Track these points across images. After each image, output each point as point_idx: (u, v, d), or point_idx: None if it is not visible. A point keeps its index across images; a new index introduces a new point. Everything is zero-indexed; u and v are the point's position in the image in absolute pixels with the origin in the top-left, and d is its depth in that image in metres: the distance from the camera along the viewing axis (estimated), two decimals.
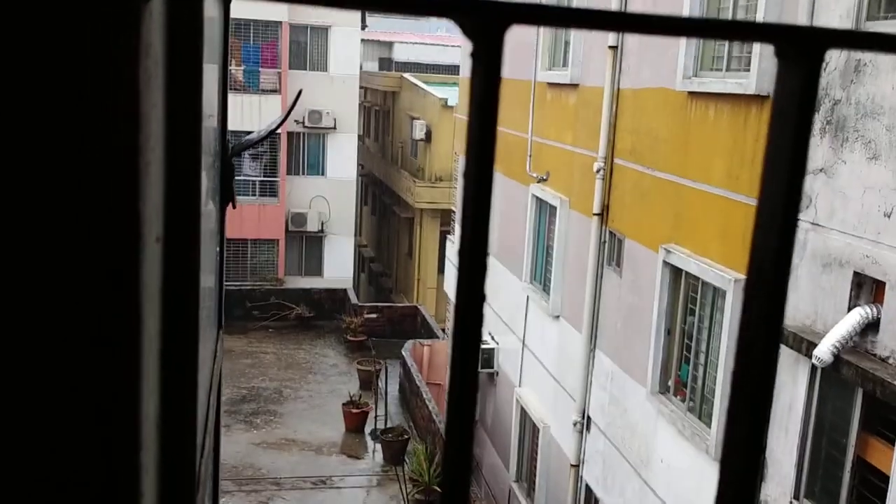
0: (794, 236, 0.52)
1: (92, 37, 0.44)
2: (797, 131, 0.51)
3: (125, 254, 0.46)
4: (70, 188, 0.44)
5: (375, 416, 18.59)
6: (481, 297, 0.49)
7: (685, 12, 8.94)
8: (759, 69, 7.63)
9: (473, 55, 0.48)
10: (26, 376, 0.46)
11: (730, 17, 8.46)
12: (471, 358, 0.46)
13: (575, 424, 11.55)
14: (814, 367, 6.81)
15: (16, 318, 0.46)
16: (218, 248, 1.73)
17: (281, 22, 26.40)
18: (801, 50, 0.50)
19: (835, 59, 6.73)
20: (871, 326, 6.33)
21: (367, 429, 18.75)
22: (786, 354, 7.25)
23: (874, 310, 6.31)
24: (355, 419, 18.70)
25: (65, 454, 0.47)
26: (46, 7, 0.43)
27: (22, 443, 0.47)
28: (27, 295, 0.46)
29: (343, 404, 18.91)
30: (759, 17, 7.66)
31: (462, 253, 0.49)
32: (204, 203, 1.33)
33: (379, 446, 17.85)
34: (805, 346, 6.79)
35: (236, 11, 27.15)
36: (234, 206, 1.81)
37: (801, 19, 7.08)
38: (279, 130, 26.46)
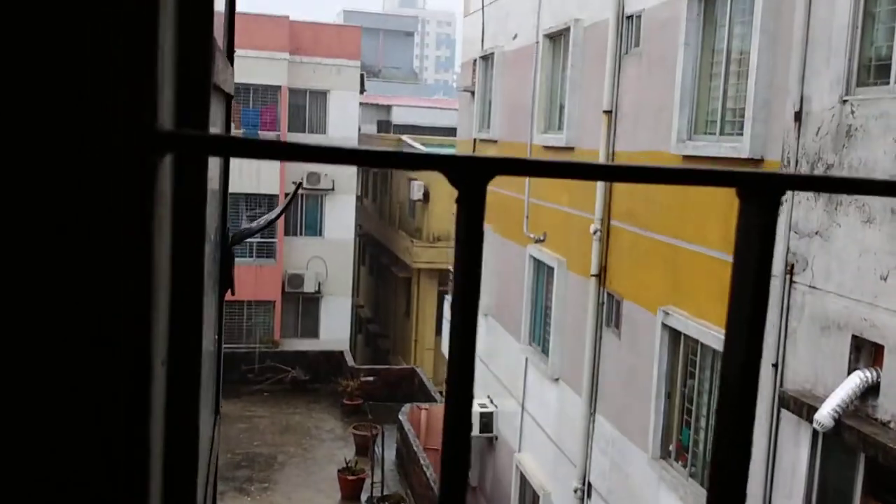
0: (758, 368, 0.55)
1: (109, 190, 0.46)
2: (759, 265, 0.55)
3: (133, 385, 0.48)
4: (83, 317, 0.47)
5: (372, 483, 18.30)
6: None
7: (677, 87, 9.10)
8: (752, 133, 7.74)
9: (458, 201, 0.52)
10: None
11: (721, 86, 8.61)
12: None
13: (576, 491, 11.39)
14: (815, 432, 6.76)
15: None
16: (216, 336, 1.74)
17: (280, 86, 26.79)
18: (761, 192, 0.54)
19: (826, 123, 6.83)
20: (872, 390, 6.30)
21: (364, 496, 18.44)
22: (787, 419, 7.20)
23: (874, 373, 6.29)
24: (351, 486, 18.40)
25: None
26: (70, 167, 0.46)
27: None
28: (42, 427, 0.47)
29: (339, 471, 18.64)
30: (751, 84, 7.79)
31: (447, 400, 0.50)
32: (206, 293, 1.33)
33: None
34: (806, 410, 6.74)
35: (236, 76, 27.55)
36: (233, 293, 1.82)
37: (793, 86, 7.20)
38: (277, 193, 26.65)
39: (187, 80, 0.67)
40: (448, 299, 18.94)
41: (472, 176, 0.49)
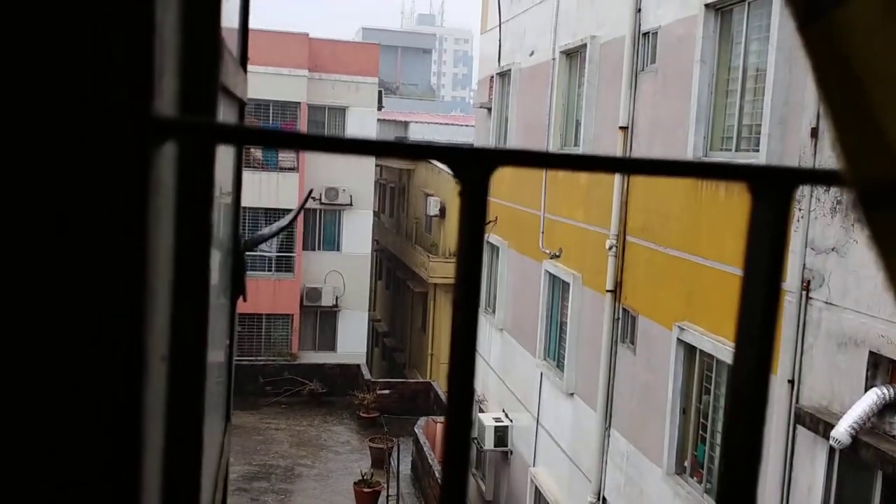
0: (769, 368, 0.54)
1: (103, 179, 0.47)
2: (770, 264, 0.54)
3: (127, 381, 0.49)
4: (77, 313, 0.48)
5: (387, 496, 18.27)
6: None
7: (693, 104, 9.10)
8: (768, 149, 7.72)
9: (461, 194, 0.51)
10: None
11: (737, 102, 8.60)
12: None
13: None
14: (832, 449, 6.70)
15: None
16: (228, 342, 1.77)
17: (300, 102, 26.97)
18: (773, 187, 0.53)
19: None
20: (889, 407, 6.25)
21: None
22: (803, 435, 7.14)
23: (891, 390, 6.24)
24: (367, 499, 18.38)
25: None
26: (61, 152, 0.47)
27: None
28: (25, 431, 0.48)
29: (354, 483, 18.62)
30: (767, 100, 7.78)
31: (448, 389, 0.51)
32: (217, 298, 1.36)
33: None
34: (822, 426, 6.69)
35: (256, 92, 27.62)
36: (244, 300, 1.84)
37: (809, 102, 7.19)
38: (295, 206, 26.75)
39: (192, 75, 0.69)
40: None
41: (474, 167, 0.49)
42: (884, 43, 0.47)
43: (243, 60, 1.71)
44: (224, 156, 1.37)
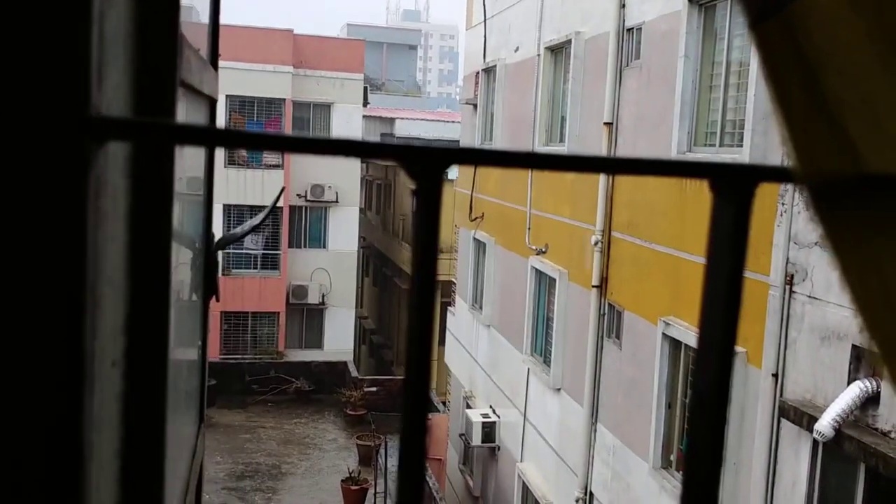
0: (731, 366, 0.53)
1: (35, 178, 0.46)
2: (732, 259, 0.53)
3: (67, 386, 0.47)
4: (10, 318, 0.46)
5: (375, 493, 18.26)
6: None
7: (677, 99, 9.12)
8: (752, 144, 7.75)
9: (415, 193, 0.51)
10: None
11: (721, 97, 8.62)
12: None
13: (577, 501, 11.35)
14: (815, 442, 6.74)
15: None
16: (200, 342, 1.74)
17: (284, 99, 26.87)
18: (733, 185, 0.53)
19: None
20: (872, 400, 6.28)
21: None
22: (787, 429, 7.18)
23: (874, 383, 6.27)
24: (354, 496, 18.36)
25: None
26: None
27: None
28: None
29: (342, 481, 18.60)
30: (751, 96, 7.80)
31: (405, 379, 0.50)
32: (187, 298, 1.34)
33: None
34: (806, 420, 6.72)
35: (240, 89, 27.44)
36: (217, 300, 1.82)
37: None
38: (281, 205, 26.69)
39: (147, 73, 0.67)
40: (451, 311, 18.93)
41: (427, 166, 0.48)
42: (849, 36, 0.46)
43: (214, 58, 1.69)
44: (194, 154, 1.35)
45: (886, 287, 0.50)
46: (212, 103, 1.54)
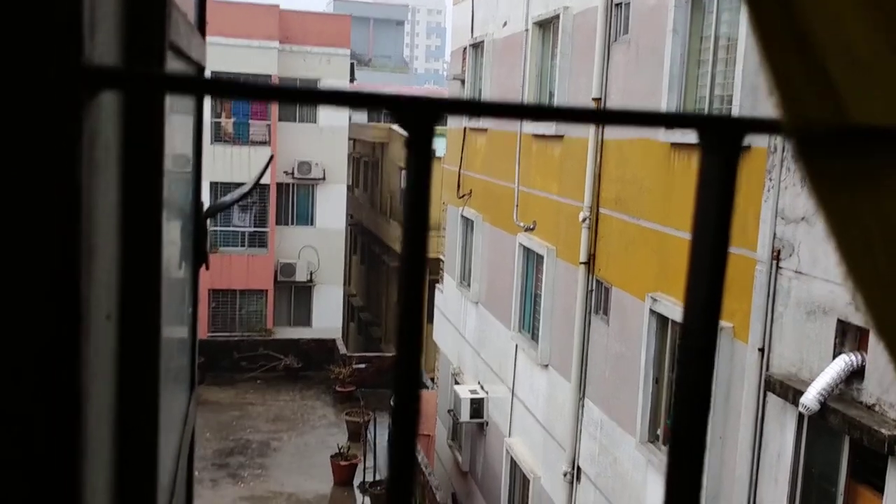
0: (716, 333, 0.54)
1: (31, 131, 0.46)
2: (720, 213, 0.54)
3: (64, 330, 0.47)
4: (5, 273, 0.46)
5: (364, 468, 18.37)
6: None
7: (665, 74, 9.11)
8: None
9: (407, 144, 0.51)
10: None
11: (709, 72, 8.62)
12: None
13: (565, 475, 11.45)
14: (801, 416, 6.81)
15: None
16: (191, 309, 1.75)
17: (271, 75, 26.69)
18: (722, 137, 0.53)
19: None
20: (857, 374, 6.35)
21: (356, 481, 18.52)
22: (773, 402, 7.25)
23: (859, 357, 6.34)
24: (344, 472, 18.47)
25: None
26: None
27: None
28: None
29: (331, 456, 18.69)
30: (739, 71, 7.81)
31: (399, 326, 0.51)
32: (177, 265, 1.34)
33: (368, 499, 17.61)
34: (792, 393, 6.79)
35: (226, 65, 27.16)
36: (206, 268, 1.82)
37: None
38: (268, 182, 26.58)
39: (136, 29, 0.67)
40: (439, 288, 18.96)
41: (419, 116, 0.49)
42: None
43: (201, 24, 1.68)
44: (183, 121, 1.35)
45: (866, 236, 0.51)
46: (199, 70, 1.54)
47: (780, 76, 0.50)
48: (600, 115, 0.53)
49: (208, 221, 1.98)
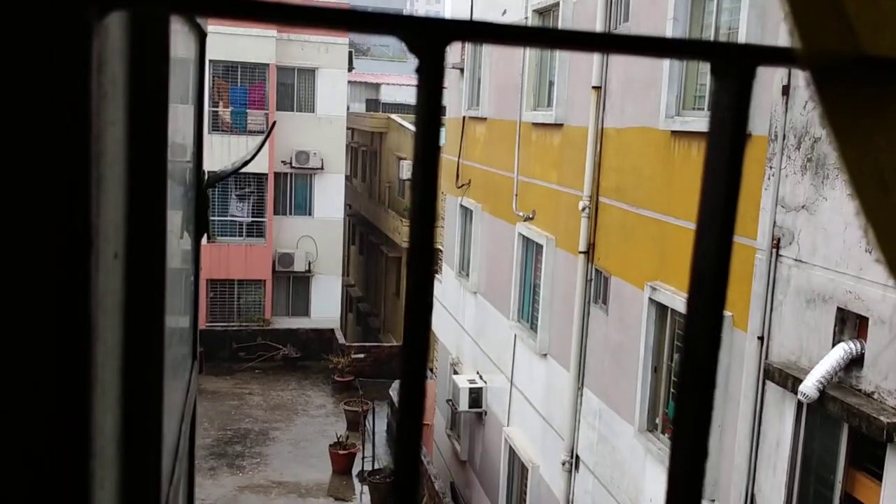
0: (729, 254, 0.54)
1: (39, 52, 0.45)
2: (732, 145, 0.53)
3: (74, 264, 0.47)
4: (16, 198, 0.45)
5: (363, 458, 18.40)
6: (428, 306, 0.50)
7: (665, 63, 9.08)
8: None
9: (418, 70, 0.50)
10: None
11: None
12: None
13: (563, 464, 11.47)
14: (800, 404, 6.82)
15: None
16: (193, 278, 1.74)
17: (268, 64, 26.62)
18: (734, 65, 0.52)
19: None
20: (856, 362, 6.35)
21: (355, 470, 18.55)
22: (772, 390, 7.26)
23: (858, 345, 6.34)
24: (343, 461, 18.50)
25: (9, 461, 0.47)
26: None
27: None
28: None
29: (330, 446, 18.72)
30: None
31: (410, 258, 0.50)
32: (179, 232, 1.34)
33: (367, 488, 17.65)
34: (791, 382, 6.79)
35: (224, 54, 27.11)
36: (209, 239, 1.82)
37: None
38: (266, 171, 26.53)
39: None
40: (438, 278, 18.96)
41: (429, 39, 0.47)
42: None
43: None
44: (184, 110, 1.34)
45: (879, 168, 0.51)
46: (202, 37, 1.53)
47: (797, 4, 0.49)
48: (610, 41, 0.52)
49: (209, 192, 1.97)
